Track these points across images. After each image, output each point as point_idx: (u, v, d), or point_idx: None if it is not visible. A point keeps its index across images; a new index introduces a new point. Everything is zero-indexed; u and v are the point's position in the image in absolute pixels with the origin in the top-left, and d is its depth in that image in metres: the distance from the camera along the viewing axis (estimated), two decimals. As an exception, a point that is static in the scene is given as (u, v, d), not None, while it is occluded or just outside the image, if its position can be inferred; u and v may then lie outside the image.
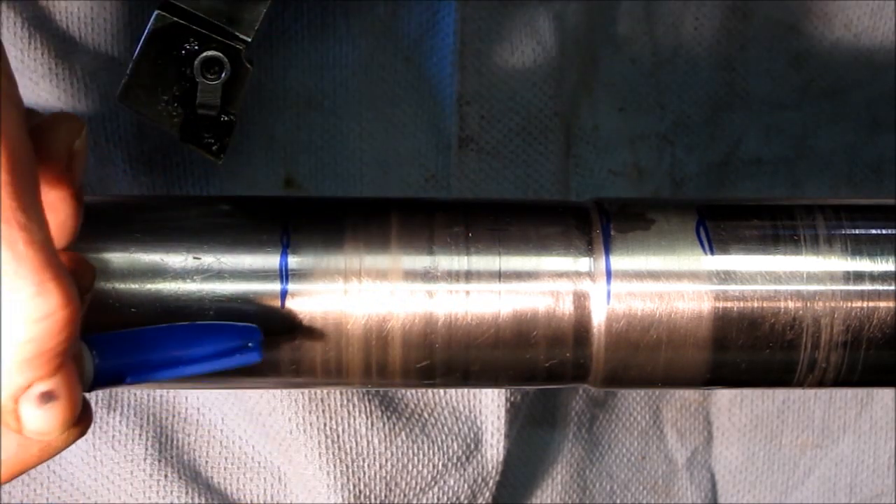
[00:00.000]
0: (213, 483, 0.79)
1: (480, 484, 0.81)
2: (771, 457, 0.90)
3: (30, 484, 0.77)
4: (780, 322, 0.61)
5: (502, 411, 0.79)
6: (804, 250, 0.62)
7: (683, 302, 0.61)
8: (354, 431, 0.77)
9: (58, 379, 0.48)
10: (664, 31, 0.84)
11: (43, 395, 0.48)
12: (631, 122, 0.84)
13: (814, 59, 0.86)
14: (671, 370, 0.62)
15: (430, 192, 0.79)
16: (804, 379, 0.63)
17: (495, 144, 0.80)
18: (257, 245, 0.61)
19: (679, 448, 0.89)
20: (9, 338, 0.46)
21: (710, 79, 0.85)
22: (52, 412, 0.49)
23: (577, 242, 0.62)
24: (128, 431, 0.77)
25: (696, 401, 0.89)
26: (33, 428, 0.49)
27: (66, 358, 0.48)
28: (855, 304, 0.61)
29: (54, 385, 0.48)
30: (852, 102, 0.87)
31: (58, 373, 0.48)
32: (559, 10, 0.80)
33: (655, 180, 0.84)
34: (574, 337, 0.61)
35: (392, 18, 0.78)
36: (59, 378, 0.48)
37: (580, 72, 0.82)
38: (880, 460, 0.91)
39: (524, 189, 0.80)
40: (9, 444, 0.51)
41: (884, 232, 0.62)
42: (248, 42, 0.59)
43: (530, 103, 0.80)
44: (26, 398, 0.48)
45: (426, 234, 0.62)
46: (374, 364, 0.61)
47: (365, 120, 0.78)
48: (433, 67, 0.79)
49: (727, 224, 0.62)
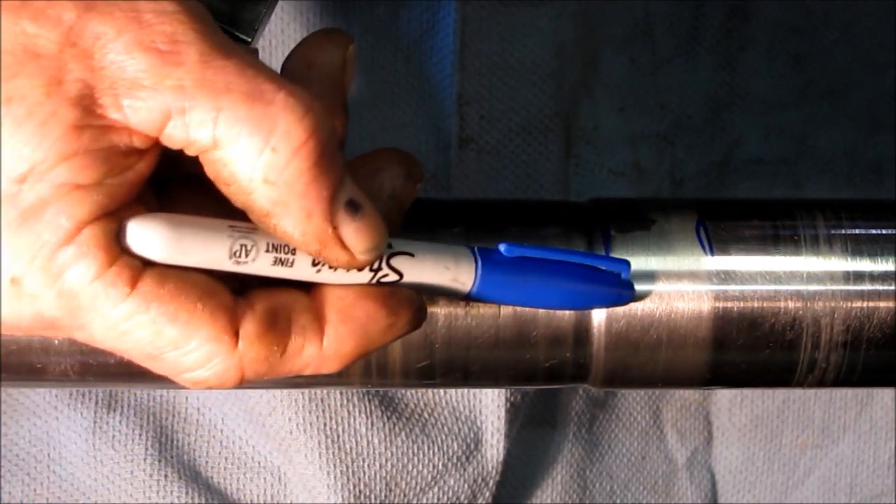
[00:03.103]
0: (213, 483, 0.79)
1: (480, 484, 0.81)
2: (771, 457, 0.90)
3: (30, 484, 0.77)
4: (780, 322, 0.61)
5: (502, 411, 0.79)
6: (804, 250, 0.62)
7: (683, 302, 0.61)
8: (354, 431, 0.77)
9: (350, 185, 0.47)
10: (664, 31, 0.84)
11: (350, 203, 0.47)
12: (631, 122, 0.84)
13: (814, 59, 0.86)
14: (671, 370, 0.62)
15: (430, 192, 0.79)
16: (804, 379, 0.63)
17: (495, 144, 0.80)
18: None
19: (679, 448, 0.89)
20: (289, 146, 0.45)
21: (710, 79, 0.85)
22: (364, 221, 0.48)
23: (577, 243, 0.62)
24: (128, 431, 0.77)
25: (696, 401, 0.89)
26: (357, 244, 0.48)
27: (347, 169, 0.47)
28: (855, 304, 0.61)
29: (351, 191, 0.47)
30: (852, 102, 0.87)
31: (347, 178, 0.47)
32: (559, 10, 0.80)
33: (655, 180, 0.84)
34: (574, 337, 0.61)
35: (392, 18, 0.78)
36: (351, 185, 0.47)
37: (580, 72, 0.82)
38: (880, 460, 0.91)
39: (524, 189, 0.80)
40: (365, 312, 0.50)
41: (884, 232, 0.62)
42: (248, 42, 0.59)
43: (530, 103, 0.80)
44: (337, 214, 0.47)
45: (426, 234, 0.61)
46: (373, 364, 0.61)
47: (365, 120, 0.78)
48: (433, 67, 0.79)
49: (727, 224, 0.62)
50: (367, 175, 0.52)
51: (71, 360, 0.59)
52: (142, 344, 0.46)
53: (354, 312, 0.49)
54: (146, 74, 0.44)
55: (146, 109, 0.44)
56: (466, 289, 0.53)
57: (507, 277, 0.54)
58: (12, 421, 0.78)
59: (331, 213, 0.47)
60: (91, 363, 0.58)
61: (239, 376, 0.47)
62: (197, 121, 0.44)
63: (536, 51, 0.79)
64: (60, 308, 0.45)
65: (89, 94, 0.44)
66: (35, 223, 0.44)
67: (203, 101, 0.44)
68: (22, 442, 0.78)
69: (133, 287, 0.45)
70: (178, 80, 0.44)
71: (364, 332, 0.49)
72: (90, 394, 0.77)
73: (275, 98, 0.45)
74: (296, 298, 0.49)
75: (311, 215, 0.46)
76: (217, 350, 0.47)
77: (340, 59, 0.51)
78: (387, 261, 0.50)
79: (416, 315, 0.51)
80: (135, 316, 0.45)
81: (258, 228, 0.48)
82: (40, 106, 0.44)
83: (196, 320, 0.46)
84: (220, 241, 0.47)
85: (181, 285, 0.46)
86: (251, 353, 0.47)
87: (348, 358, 0.49)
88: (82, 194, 0.44)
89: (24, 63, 0.44)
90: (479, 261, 0.53)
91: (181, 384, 0.48)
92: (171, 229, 0.46)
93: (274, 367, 0.48)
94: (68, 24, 0.44)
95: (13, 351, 0.58)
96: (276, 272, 0.48)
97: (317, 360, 0.49)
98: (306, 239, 0.47)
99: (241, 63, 0.45)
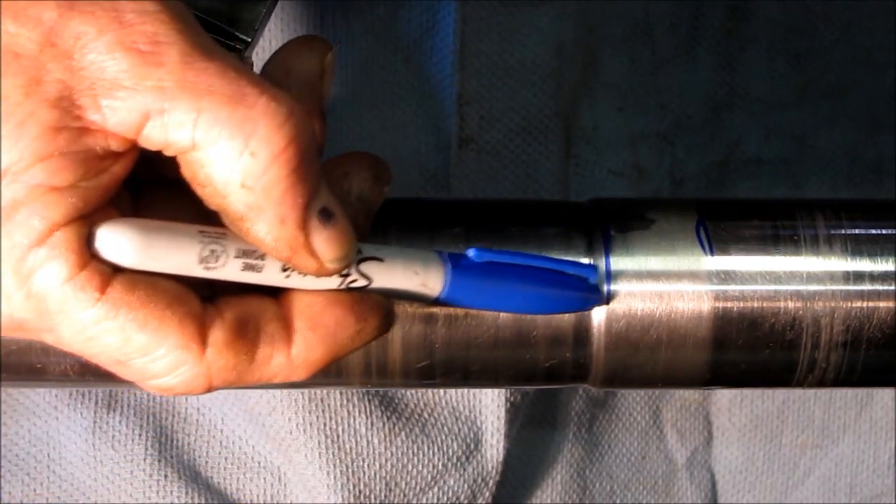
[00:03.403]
0: (213, 483, 0.79)
1: (480, 484, 0.81)
2: (771, 457, 0.90)
3: (30, 484, 0.77)
4: (780, 322, 0.61)
5: (502, 411, 0.79)
6: (804, 250, 0.62)
7: (683, 302, 0.61)
8: (354, 431, 0.77)
9: (325, 193, 0.47)
10: (664, 31, 0.84)
11: (323, 212, 0.47)
12: (631, 122, 0.84)
13: (814, 59, 0.86)
14: (671, 370, 0.62)
15: (430, 192, 0.79)
16: (804, 379, 0.63)
17: (495, 144, 0.80)
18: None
19: (679, 448, 0.89)
20: (267, 153, 0.45)
21: (710, 79, 0.85)
22: (335, 229, 0.47)
23: (577, 242, 0.62)
24: (128, 431, 0.77)
25: (696, 401, 0.89)
26: (327, 252, 0.48)
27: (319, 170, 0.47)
28: (855, 304, 0.61)
29: (326, 199, 0.47)
30: (852, 102, 0.87)
31: (322, 186, 0.47)
32: (559, 10, 0.80)
33: (655, 180, 0.84)
34: (574, 337, 0.61)
35: (392, 18, 0.78)
36: (326, 192, 0.47)
37: (580, 72, 0.82)
38: (880, 460, 0.91)
39: (524, 189, 0.80)
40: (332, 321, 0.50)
41: (884, 232, 0.62)
42: (248, 42, 0.59)
43: (530, 103, 0.80)
44: (310, 222, 0.47)
45: (426, 234, 0.61)
46: (373, 364, 0.61)
47: (365, 120, 0.78)
48: (433, 67, 0.79)
49: (727, 224, 0.62)
50: (336, 179, 0.52)
51: (71, 360, 0.59)
52: (110, 350, 0.46)
53: (323, 320, 0.49)
54: (126, 75, 0.44)
55: (125, 110, 0.44)
56: (435, 293, 0.53)
57: (475, 282, 0.54)
58: (12, 421, 0.78)
59: (304, 220, 0.47)
60: (91, 363, 0.58)
61: (206, 384, 0.47)
62: (176, 122, 0.44)
63: (536, 51, 0.79)
64: (29, 310, 0.45)
65: (68, 94, 0.44)
66: (7, 224, 0.44)
67: (183, 103, 0.44)
68: (22, 442, 0.78)
69: (102, 292, 0.45)
70: (158, 81, 0.44)
71: (333, 339, 0.49)
72: (90, 394, 0.77)
73: (256, 102, 0.45)
74: (265, 306, 0.49)
75: (285, 221, 0.46)
76: (185, 358, 0.47)
77: (318, 66, 0.51)
78: (356, 266, 0.50)
79: (384, 320, 0.51)
80: (103, 321, 0.45)
81: (228, 234, 0.48)
82: (19, 106, 0.44)
83: (164, 327, 0.46)
84: (189, 246, 0.47)
85: (150, 292, 0.46)
86: (219, 362, 0.47)
87: (317, 365, 0.49)
88: (57, 196, 0.44)
89: (8, 63, 0.44)
90: (448, 265, 0.53)
91: (148, 391, 0.48)
92: (140, 235, 0.46)
93: (242, 376, 0.48)
94: (49, 24, 0.44)
95: (13, 351, 0.58)
96: (246, 277, 0.48)
97: (286, 368, 0.49)
98: (278, 245, 0.47)
99: (223, 65, 0.45)
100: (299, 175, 0.46)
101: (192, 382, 0.47)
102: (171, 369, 0.47)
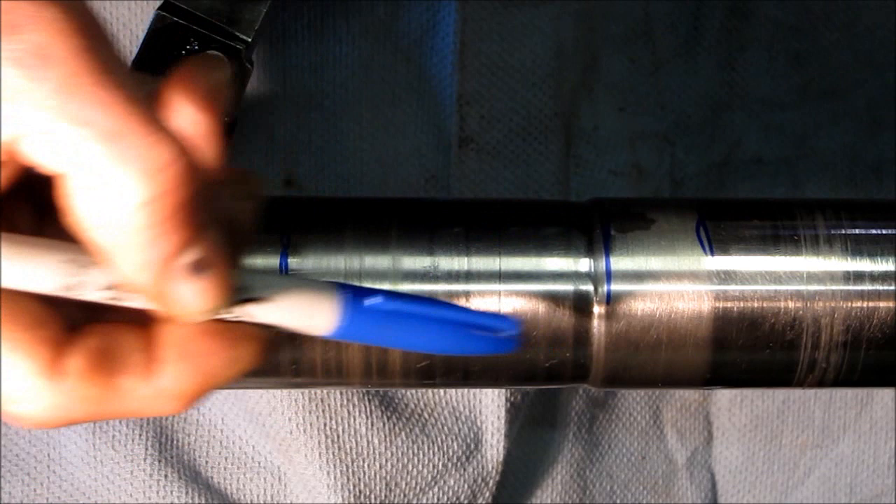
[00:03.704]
0: (213, 483, 0.79)
1: (480, 484, 0.81)
2: (771, 457, 0.90)
3: (30, 484, 0.77)
4: (780, 322, 0.61)
5: (502, 411, 0.79)
6: (804, 250, 0.62)
7: (683, 302, 0.61)
8: (354, 431, 0.77)
9: (207, 245, 0.44)
10: (664, 31, 0.84)
11: (196, 263, 0.44)
12: (631, 122, 0.84)
13: (814, 59, 0.86)
14: (671, 370, 0.62)
15: (430, 192, 0.79)
16: (804, 379, 0.63)
17: (495, 144, 0.80)
18: (257, 246, 0.61)
19: (679, 448, 0.89)
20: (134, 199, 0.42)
21: (710, 79, 0.85)
22: (208, 282, 0.45)
23: (577, 243, 0.62)
24: (128, 431, 0.77)
25: (696, 401, 0.89)
26: (194, 304, 0.45)
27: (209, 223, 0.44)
28: (855, 304, 0.61)
29: (205, 250, 0.44)
30: (852, 102, 0.87)
31: (204, 238, 0.44)
32: (559, 10, 0.80)
33: (655, 180, 0.84)
34: (574, 337, 0.61)
35: (392, 18, 0.78)
36: (207, 245, 0.44)
37: (580, 72, 0.82)
38: (880, 460, 0.91)
39: (524, 189, 0.80)
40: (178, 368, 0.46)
41: (884, 232, 0.62)
42: (248, 42, 0.59)
43: (530, 103, 0.80)
44: (176, 270, 0.44)
45: (426, 234, 0.62)
46: (374, 364, 0.61)
47: (365, 120, 0.78)
48: (433, 67, 0.79)
49: (727, 224, 0.62)
50: None
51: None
52: None
53: (193, 349, 0.47)
54: (6, 86, 0.41)
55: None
56: (323, 332, 0.50)
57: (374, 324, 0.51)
58: (12, 421, 0.78)
59: (170, 270, 0.44)
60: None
61: (62, 415, 0.45)
62: (48, 146, 0.42)
63: (536, 51, 0.79)
64: None
65: None
66: None
67: (59, 128, 0.41)
68: (22, 442, 0.78)
69: None
70: (36, 101, 0.41)
71: (206, 369, 0.47)
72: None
73: (135, 143, 0.42)
74: (134, 335, 0.47)
75: (147, 269, 0.44)
76: (38, 385, 0.44)
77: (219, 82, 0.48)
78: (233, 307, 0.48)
79: (261, 347, 0.48)
80: None
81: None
82: None
83: (18, 352, 0.44)
84: (52, 267, 0.45)
85: (9, 313, 0.44)
86: (77, 391, 0.45)
87: (192, 396, 0.47)
88: None
89: None
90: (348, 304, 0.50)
91: (6, 421, 0.46)
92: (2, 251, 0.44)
93: (104, 407, 0.45)
94: None
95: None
96: (110, 301, 0.46)
97: (154, 399, 0.46)
98: (139, 288, 0.45)
99: (112, 94, 0.42)
100: (171, 225, 0.43)
101: (46, 412, 0.44)
102: (23, 397, 0.44)
